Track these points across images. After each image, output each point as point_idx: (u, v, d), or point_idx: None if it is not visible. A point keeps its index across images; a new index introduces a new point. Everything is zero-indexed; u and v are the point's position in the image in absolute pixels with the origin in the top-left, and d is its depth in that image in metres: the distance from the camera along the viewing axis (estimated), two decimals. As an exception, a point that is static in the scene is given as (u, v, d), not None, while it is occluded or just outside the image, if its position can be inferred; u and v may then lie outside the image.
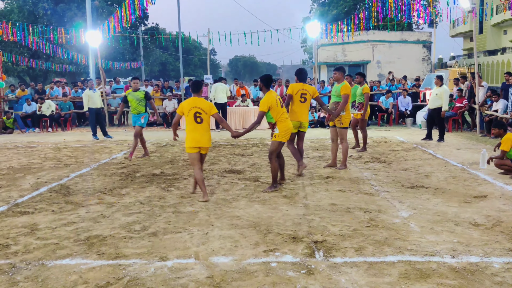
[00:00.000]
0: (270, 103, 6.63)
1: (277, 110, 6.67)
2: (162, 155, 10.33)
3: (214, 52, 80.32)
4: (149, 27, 53.16)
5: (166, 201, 6.27)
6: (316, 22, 15.98)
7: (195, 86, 6.50)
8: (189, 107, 6.22)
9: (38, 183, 7.62)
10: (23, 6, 42.92)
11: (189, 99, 6.39)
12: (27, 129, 16.65)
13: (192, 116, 6.21)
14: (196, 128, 6.23)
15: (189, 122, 6.24)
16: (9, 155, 10.83)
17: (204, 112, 6.24)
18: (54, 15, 40.46)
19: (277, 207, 5.89)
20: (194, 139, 6.25)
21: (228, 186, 7.15)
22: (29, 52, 36.13)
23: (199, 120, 6.22)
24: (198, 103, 6.26)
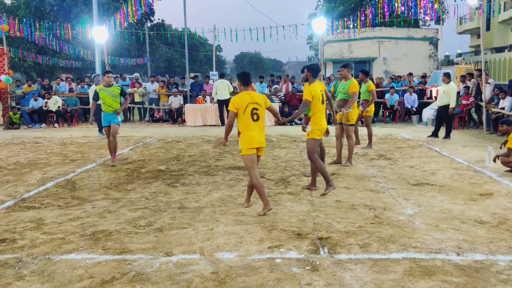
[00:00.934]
0: (314, 93, 6.21)
1: (316, 104, 6.27)
2: (167, 151, 10.35)
3: (219, 48, 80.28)
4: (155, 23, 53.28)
5: (172, 197, 6.29)
6: (322, 19, 15.94)
7: (246, 78, 5.70)
8: (245, 103, 5.45)
9: (44, 178, 7.67)
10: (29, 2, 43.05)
11: (242, 94, 5.56)
12: (33, 125, 16.73)
13: (249, 113, 5.46)
14: (254, 127, 5.48)
15: (245, 119, 5.47)
16: (16, 150, 10.89)
17: (261, 106, 5.54)
18: (61, 11, 40.58)
19: (282, 203, 5.90)
20: (253, 139, 5.46)
21: (233, 182, 7.16)
22: (35, 48, 36.26)
23: (255, 118, 5.49)
24: (254, 97, 5.54)
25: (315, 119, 6.32)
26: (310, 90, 6.25)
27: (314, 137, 6.31)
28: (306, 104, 6.28)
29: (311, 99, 6.23)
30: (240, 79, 5.76)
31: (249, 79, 5.75)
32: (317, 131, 6.32)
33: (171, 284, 3.62)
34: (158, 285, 3.59)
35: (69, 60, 39.27)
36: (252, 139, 5.46)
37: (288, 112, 15.72)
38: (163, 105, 17.56)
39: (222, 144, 6.01)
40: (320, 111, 6.34)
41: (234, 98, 5.56)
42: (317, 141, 6.37)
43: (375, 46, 30.24)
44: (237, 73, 10.64)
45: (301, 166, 8.47)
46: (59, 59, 37.72)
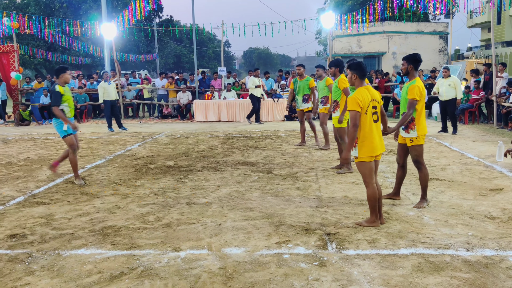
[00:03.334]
0: (422, 91, 5.22)
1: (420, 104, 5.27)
2: (176, 147, 10.38)
3: (228, 44, 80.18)
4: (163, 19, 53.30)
5: (180, 193, 6.31)
6: (330, 13, 15.85)
7: (363, 70, 4.71)
8: (367, 102, 4.56)
9: (54, 174, 7.72)
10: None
11: (362, 89, 4.63)
12: (43, 121, 16.86)
13: (370, 114, 4.59)
14: (373, 130, 4.62)
15: (366, 122, 4.58)
16: (26, 146, 10.99)
17: (379, 104, 4.74)
18: (70, 7, 40.77)
19: (290, 199, 5.89)
20: (374, 146, 4.62)
21: (241, 178, 7.16)
22: (45, 44, 36.48)
23: (375, 118, 4.65)
24: (373, 94, 4.69)
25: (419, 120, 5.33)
26: (419, 88, 5.24)
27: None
28: (413, 105, 5.20)
29: (419, 98, 5.20)
30: (356, 70, 4.72)
31: (366, 71, 4.78)
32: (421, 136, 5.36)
33: (179, 279, 3.63)
34: (166, 280, 3.61)
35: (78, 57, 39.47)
36: (374, 145, 4.63)
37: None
38: (171, 101, 17.60)
39: (345, 160, 5.05)
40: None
41: (355, 95, 4.59)
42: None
43: (384, 40, 30.01)
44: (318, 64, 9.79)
45: (309, 161, 8.45)
46: (69, 56, 37.93)
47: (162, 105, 18.06)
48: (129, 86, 18.28)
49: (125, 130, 13.88)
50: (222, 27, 17.82)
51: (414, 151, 5.41)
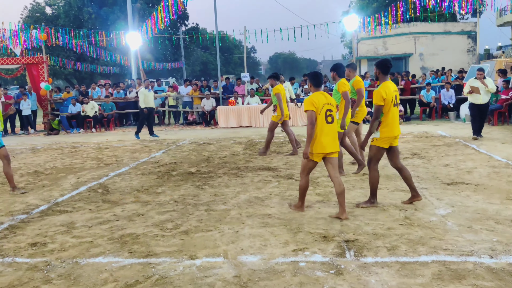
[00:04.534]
0: (385, 95, 5.35)
1: (389, 107, 5.40)
2: (199, 154, 10.43)
3: (253, 50, 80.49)
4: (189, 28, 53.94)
5: (200, 199, 6.31)
6: (354, 15, 15.69)
7: (318, 78, 5.36)
8: (321, 104, 5.12)
9: (78, 182, 7.87)
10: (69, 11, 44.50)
11: (317, 94, 5.23)
12: (71, 130, 17.25)
13: (323, 115, 5.14)
14: (326, 131, 5.16)
15: (319, 122, 5.14)
16: (54, 155, 11.24)
17: (334, 109, 5.26)
18: (98, 18, 41.73)
19: (310, 205, 5.81)
20: (325, 144, 5.15)
21: (261, 184, 7.12)
22: (75, 55, 37.38)
23: (330, 120, 5.17)
24: (329, 99, 5.23)
25: (386, 127, 5.45)
26: (379, 91, 5.39)
27: (378, 145, 5.50)
28: (378, 110, 5.41)
29: (382, 102, 5.37)
30: (311, 80, 5.40)
31: (320, 80, 5.39)
32: (384, 139, 5.47)
33: (193, 287, 3.61)
34: (180, 289, 3.60)
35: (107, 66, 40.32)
36: (324, 145, 5.15)
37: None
38: (196, 108, 17.74)
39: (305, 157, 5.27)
40: (393, 115, 5.46)
41: (311, 97, 5.20)
42: (382, 150, 5.53)
43: (410, 42, 29.54)
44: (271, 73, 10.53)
45: (332, 166, 8.33)
46: (97, 66, 38.79)
47: (187, 112, 18.22)
48: (155, 94, 18.49)
49: (157, 137, 13.96)
50: (245, 33, 17.88)
51: (370, 150, 5.59)
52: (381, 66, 5.52)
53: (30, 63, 18.96)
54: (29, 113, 17.80)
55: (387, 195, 6.19)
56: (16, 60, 19.64)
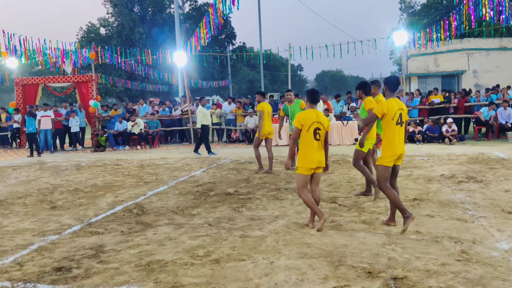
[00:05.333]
0: (386, 110, 5.30)
1: (388, 123, 5.33)
2: (239, 173, 10.12)
3: (300, 67, 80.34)
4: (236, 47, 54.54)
5: (235, 223, 5.95)
6: (403, 31, 15.07)
7: (314, 95, 5.67)
8: (310, 121, 5.45)
9: (115, 201, 7.71)
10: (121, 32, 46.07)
11: (308, 111, 5.57)
12: (118, 147, 17.45)
13: (312, 132, 5.45)
14: (314, 146, 5.46)
15: (307, 138, 5.47)
16: (96, 172, 11.26)
17: (324, 127, 5.52)
18: (149, 38, 42.88)
19: (354, 234, 5.32)
20: (311, 159, 5.44)
21: (302, 208, 6.68)
22: (126, 74, 38.44)
23: (318, 137, 5.48)
24: (320, 117, 5.53)
25: (388, 145, 5.35)
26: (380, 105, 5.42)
27: (383, 164, 5.38)
28: (372, 119, 5.53)
29: (380, 115, 5.35)
30: (308, 96, 5.73)
31: (317, 97, 5.72)
32: (387, 157, 5.34)
33: (218, 328, 3.23)
34: (203, 329, 3.22)
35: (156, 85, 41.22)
36: (311, 160, 5.46)
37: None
38: (239, 126, 17.54)
39: (285, 167, 5.90)
40: (397, 132, 5.35)
41: (300, 114, 5.58)
42: (388, 169, 5.38)
43: (463, 58, 28.30)
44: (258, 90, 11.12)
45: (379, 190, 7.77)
46: (147, 84, 39.70)
47: (230, 130, 18.05)
48: (198, 112, 18.49)
49: (214, 155, 13.75)
50: (289, 50, 17.61)
51: (377, 171, 5.51)
52: (389, 84, 5.51)
53: (80, 81, 19.52)
54: (78, 130, 18.20)
55: (440, 224, 5.60)
56: (67, 78, 20.28)
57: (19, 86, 19.92)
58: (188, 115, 17.77)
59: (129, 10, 47.85)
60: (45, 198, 8.26)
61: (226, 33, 55.22)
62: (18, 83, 19.97)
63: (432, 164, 10.36)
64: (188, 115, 17.73)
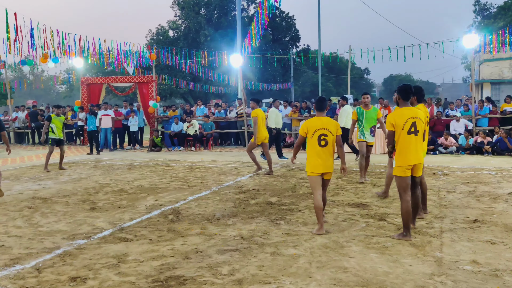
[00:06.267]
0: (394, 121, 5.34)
1: (399, 133, 5.34)
2: (286, 180, 9.65)
3: (367, 71, 78.39)
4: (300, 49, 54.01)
5: (269, 238, 5.50)
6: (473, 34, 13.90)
7: (320, 103, 5.91)
8: (313, 129, 5.70)
9: (154, 205, 7.52)
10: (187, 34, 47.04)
11: (313, 119, 5.83)
12: (173, 148, 17.55)
13: (316, 139, 5.67)
14: (319, 152, 5.67)
15: (312, 145, 5.72)
16: (146, 173, 11.23)
17: (330, 133, 5.68)
18: (213, 41, 43.39)
19: (399, 259, 4.70)
20: (314, 164, 5.69)
21: (345, 224, 6.10)
22: (190, 76, 39.04)
23: (323, 143, 5.66)
24: (325, 124, 5.71)
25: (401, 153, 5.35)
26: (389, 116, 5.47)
27: (398, 174, 5.40)
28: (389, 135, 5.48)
29: (393, 128, 5.37)
30: (315, 103, 6.04)
31: (323, 105, 5.91)
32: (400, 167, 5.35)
33: None
34: None
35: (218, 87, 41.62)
36: (316, 165, 5.68)
37: (431, 139, 13.92)
38: (294, 130, 17.05)
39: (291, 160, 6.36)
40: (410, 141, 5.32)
41: (305, 123, 5.87)
42: (404, 179, 5.36)
43: (545, 63, 26.01)
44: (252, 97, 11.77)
45: (436, 206, 7.02)
46: (210, 86, 40.17)
47: (285, 134, 17.59)
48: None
49: (285, 159, 13.28)
50: (350, 52, 16.87)
51: (395, 181, 5.49)
52: (402, 92, 5.46)
53: (141, 82, 19.87)
54: (136, 129, 18.52)
55: (503, 253, 4.83)
56: (129, 78, 20.75)
57: (84, 85, 20.64)
58: (243, 118, 17.53)
59: (196, 13, 48.79)
60: (88, 198, 8.24)
61: (290, 36, 54.86)
62: (84, 83, 20.70)
63: (500, 179, 9.33)
64: (243, 117, 17.49)
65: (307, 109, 17.39)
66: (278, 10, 54.60)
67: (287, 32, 55.00)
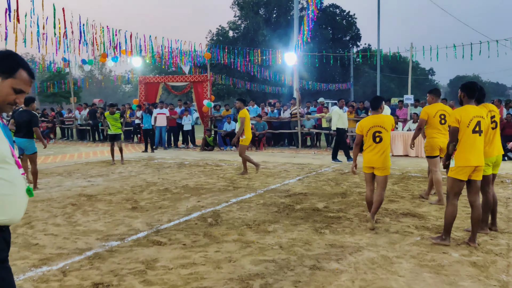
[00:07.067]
0: (460, 117, 4.99)
1: (463, 131, 4.99)
2: (337, 185, 9.09)
3: (432, 71, 75.24)
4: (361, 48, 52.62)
5: (310, 249, 5.04)
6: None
7: (375, 102, 6.08)
8: (368, 126, 5.89)
9: (195, 207, 7.25)
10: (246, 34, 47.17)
11: (368, 117, 6.06)
12: (225, 147, 17.38)
13: (371, 136, 5.87)
14: (373, 148, 5.88)
15: (367, 141, 5.94)
16: (194, 172, 11.06)
17: (385, 130, 5.84)
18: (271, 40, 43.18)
19: (457, 281, 4.08)
20: (369, 159, 5.90)
21: (397, 236, 5.51)
22: (248, 76, 39.06)
23: (377, 140, 5.84)
24: (379, 121, 5.87)
25: (461, 154, 5.00)
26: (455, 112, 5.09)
27: (454, 177, 5.04)
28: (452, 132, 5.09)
29: (458, 124, 4.99)
30: (371, 101, 6.23)
31: (376, 104, 6.04)
32: (460, 168, 4.98)
33: None
34: None
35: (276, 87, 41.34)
36: (369, 160, 5.90)
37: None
38: (350, 132, 16.34)
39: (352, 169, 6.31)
40: (475, 142, 4.97)
41: (361, 121, 6.07)
42: (459, 182, 5.02)
43: None
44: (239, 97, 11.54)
45: (503, 220, 6.24)
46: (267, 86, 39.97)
47: (342, 136, 16.92)
48: (308, 115, 17.69)
49: (339, 162, 12.68)
50: (411, 50, 15.93)
51: (447, 182, 5.19)
52: (467, 89, 5.17)
53: (196, 81, 19.91)
54: (190, 128, 18.54)
55: None
56: (185, 77, 20.86)
57: (142, 84, 21.00)
58: (296, 118, 17.06)
59: (255, 13, 48.83)
60: (132, 197, 8.13)
61: (351, 35, 53.60)
62: (141, 82, 21.07)
63: None
64: (297, 118, 17.02)
65: (364, 110, 16.62)
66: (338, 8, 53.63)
67: (347, 31, 53.79)
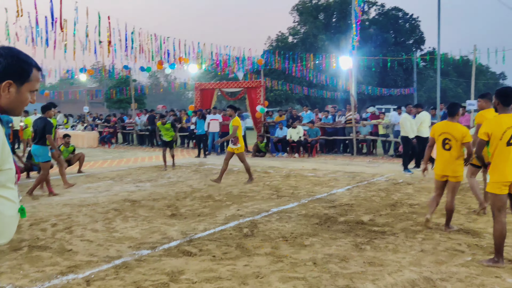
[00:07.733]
0: (490, 129, 4.68)
1: (495, 144, 4.65)
2: (387, 196, 8.57)
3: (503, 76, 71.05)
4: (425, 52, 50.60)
5: (347, 267, 4.66)
6: None
7: (451, 108, 6.09)
8: (439, 132, 5.99)
9: (234, 215, 7.05)
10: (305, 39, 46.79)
11: (442, 122, 6.19)
12: (277, 153, 17.13)
13: (440, 142, 5.95)
14: (443, 155, 5.93)
15: (438, 147, 6.00)
16: (240, 179, 10.91)
17: (454, 139, 5.81)
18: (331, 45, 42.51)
19: (509, 312, 3.58)
20: (439, 166, 5.98)
21: (446, 255, 4.99)
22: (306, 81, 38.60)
23: (447, 147, 5.89)
24: (450, 129, 5.88)
25: (497, 167, 4.65)
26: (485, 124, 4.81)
27: (492, 191, 4.72)
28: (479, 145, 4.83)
29: (486, 137, 4.71)
30: (447, 108, 6.13)
31: (452, 110, 5.98)
32: (495, 183, 4.65)
33: None
34: None
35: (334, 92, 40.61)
36: (439, 167, 5.96)
37: None
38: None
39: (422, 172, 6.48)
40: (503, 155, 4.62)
41: (435, 125, 6.20)
42: (500, 198, 4.65)
43: None
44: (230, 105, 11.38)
45: None
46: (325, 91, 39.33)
47: (398, 143, 16.14)
48: (363, 122, 17.06)
49: (410, 173, 11.67)
50: (474, 53, 14.94)
51: (488, 198, 5.15)
52: (501, 96, 4.76)
53: (250, 87, 19.85)
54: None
55: None
56: (239, 83, 20.87)
57: (198, 90, 21.23)
58: (351, 124, 16.50)
59: (314, 18, 48.34)
60: (174, 203, 8.07)
61: (414, 38, 51.71)
62: (197, 88, 21.31)
63: None
64: (352, 124, 16.45)
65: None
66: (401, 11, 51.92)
67: (410, 34, 51.95)
